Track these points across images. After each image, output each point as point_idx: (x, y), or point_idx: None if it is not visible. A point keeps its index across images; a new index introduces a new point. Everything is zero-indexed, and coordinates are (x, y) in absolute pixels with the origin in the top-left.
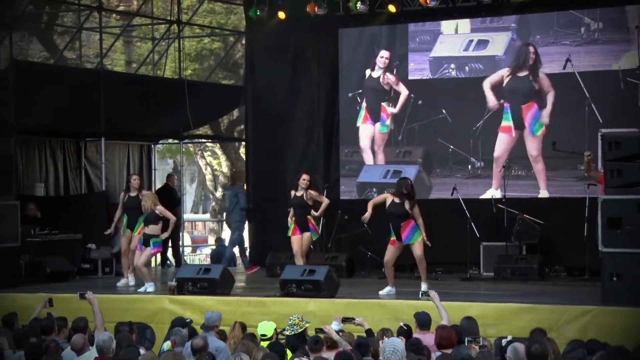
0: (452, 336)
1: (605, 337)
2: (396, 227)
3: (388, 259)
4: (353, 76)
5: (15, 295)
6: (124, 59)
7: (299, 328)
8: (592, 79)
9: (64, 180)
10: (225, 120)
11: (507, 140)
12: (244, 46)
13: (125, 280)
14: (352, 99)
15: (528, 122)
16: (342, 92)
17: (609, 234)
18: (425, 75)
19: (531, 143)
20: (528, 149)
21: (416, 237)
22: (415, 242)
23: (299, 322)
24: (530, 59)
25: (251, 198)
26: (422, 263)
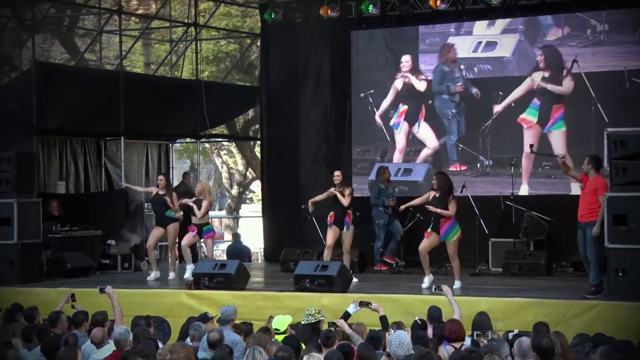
0: (462, 330)
1: (610, 331)
2: (436, 221)
3: (422, 248)
4: (364, 77)
5: (38, 289)
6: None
7: (313, 319)
8: (598, 80)
9: (84, 178)
10: (240, 120)
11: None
12: (259, 48)
13: (154, 273)
14: (364, 99)
15: (552, 121)
16: (354, 92)
17: (614, 231)
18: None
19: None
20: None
21: (452, 236)
22: (450, 240)
23: (315, 314)
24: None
25: (388, 193)
26: (455, 260)
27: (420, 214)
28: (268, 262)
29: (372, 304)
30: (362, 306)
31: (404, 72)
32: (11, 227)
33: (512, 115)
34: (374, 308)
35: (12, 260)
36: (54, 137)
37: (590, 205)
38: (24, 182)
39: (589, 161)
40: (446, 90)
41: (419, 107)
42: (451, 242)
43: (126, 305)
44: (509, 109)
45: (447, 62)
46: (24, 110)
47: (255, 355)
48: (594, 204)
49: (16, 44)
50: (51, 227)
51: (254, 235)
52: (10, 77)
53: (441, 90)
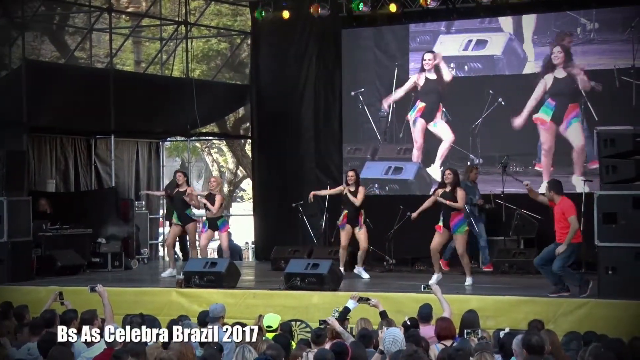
0: (452, 328)
1: (601, 329)
2: (446, 216)
3: (433, 246)
4: (355, 76)
5: (28, 288)
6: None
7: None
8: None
9: (74, 177)
10: (231, 118)
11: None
12: (249, 46)
13: (170, 270)
14: (355, 98)
15: (568, 119)
16: (344, 91)
17: (604, 229)
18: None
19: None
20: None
21: (462, 229)
22: (459, 234)
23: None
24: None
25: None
26: (464, 257)
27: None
28: (259, 261)
29: (371, 299)
30: (361, 302)
31: (427, 69)
32: (1, 225)
33: (502, 114)
34: (373, 304)
35: (2, 258)
36: (44, 135)
37: (564, 230)
38: (14, 180)
39: (549, 188)
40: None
41: (437, 104)
42: (460, 235)
43: (117, 304)
44: (499, 108)
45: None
46: (14, 109)
47: (245, 354)
48: (566, 228)
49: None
50: (41, 225)
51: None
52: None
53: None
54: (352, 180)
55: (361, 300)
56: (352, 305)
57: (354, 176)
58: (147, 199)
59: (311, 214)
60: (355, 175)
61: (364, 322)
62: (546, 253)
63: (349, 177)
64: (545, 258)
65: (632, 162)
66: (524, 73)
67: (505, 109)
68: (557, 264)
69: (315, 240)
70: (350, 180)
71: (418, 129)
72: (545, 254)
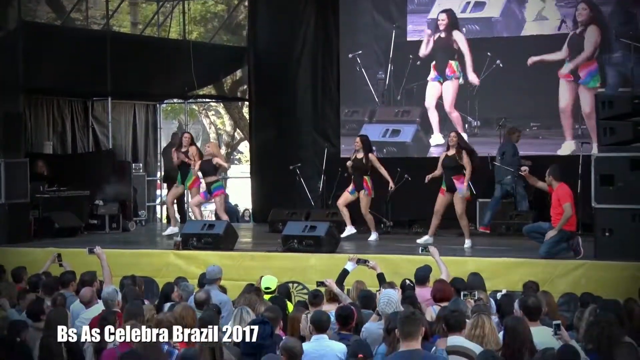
0: (448, 290)
1: (597, 290)
2: (448, 179)
3: (436, 209)
4: (353, 38)
5: (25, 249)
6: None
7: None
8: None
9: (71, 139)
10: (228, 81)
11: (568, 88)
12: (247, 8)
13: (172, 228)
14: (352, 60)
15: (584, 75)
16: (342, 53)
17: (601, 191)
18: (423, 36)
19: (584, 98)
20: (582, 105)
21: (464, 191)
22: (460, 195)
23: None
24: (583, 15)
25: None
26: (463, 219)
27: (409, 175)
28: (256, 223)
29: (369, 261)
30: (360, 264)
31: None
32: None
33: (500, 76)
34: (371, 266)
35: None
36: (40, 97)
37: (559, 216)
38: (11, 142)
39: (549, 173)
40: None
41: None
42: (461, 197)
43: (114, 266)
44: (497, 70)
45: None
46: (10, 70)
47: (243, 315)
48: (561, 214)
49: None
50: (39, 187)
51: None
52: None
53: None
54: (358, 146)
55: (360, 262)
56: (350, 267)
57: (359, 142)
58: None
59: (309, 176)
60: (360, 142)
61: (358, 284)
62: (537, 227)
63: (356, 143)
64: (536, 229)
65: (630, 124)
66: (522, 35)
67: (503, 71)
68: (543, 248)
69: (312, 203)
70: (357, 146)
71: (433, 92)
72: (537, 227)
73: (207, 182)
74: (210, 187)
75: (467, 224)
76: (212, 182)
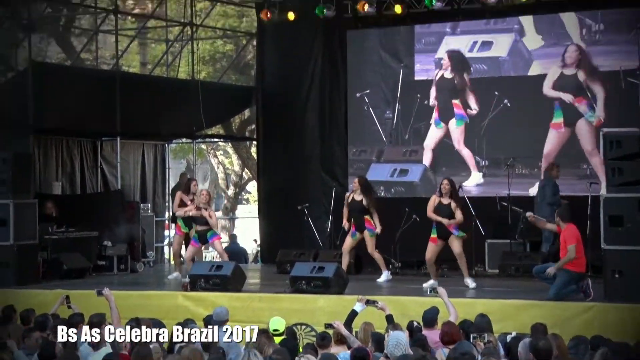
0: (456, 333)
1: (607, 332)
2: (440, 227)
3: (429, 257)
4: (360, 77)
5: (34, 291)
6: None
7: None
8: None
9: (80, 179)
10: (236, 120)
11: (557, 136)
12: (255, 48)
13: (176, 273)
14: (360, 99)
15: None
16: (350, 92)
17: (610, 232)
18: (431, 76)
19: (584, 138)
20: (582, 144)
21: (461, 233)
22: (459, 237)
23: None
24: (573, 57)
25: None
26: (462, 258)
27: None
28: (264, 264)
29: (378, 302)
30: (369, 304)
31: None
32: (7, 228)
33: (508, 116)
34: (380, 307)
35: (8, 261)
36: (50, 137)
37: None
38: (20, 182)
39: (557, 214)
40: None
41: (450, 103)
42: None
43: (122, 307)
44: (505, 109)
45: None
46: (20, 111)
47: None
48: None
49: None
50: (47, 228)
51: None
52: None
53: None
54: (356, 187)
55: (369, 303)
56: (359, 308)
57: (356, 183)
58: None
59: (317, 216)
60: (359, 184)
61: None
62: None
63: (353, 184)
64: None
65: (638, 164)
66: (529, 74)
67: (511, 110)
68: (552, 290)
69: (320, 243)
70: (355, 186)
71: (437, 133)
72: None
73: (200, 230)
74: (205, 235)
75: (465, 262)
76: (207, 231)
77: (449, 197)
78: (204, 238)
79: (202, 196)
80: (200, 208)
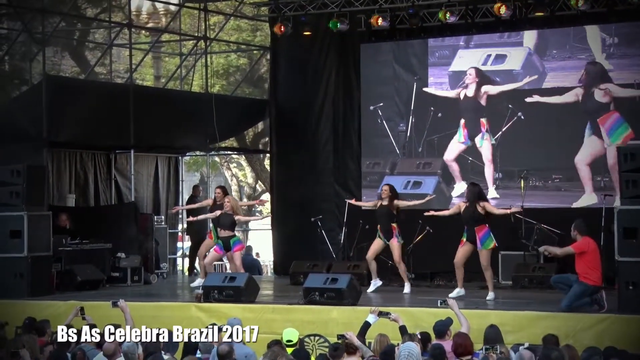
0: (469, 344)
1: (621, 344)
2: (470, 231)
3: (457, 260)
4: (374, 90)
5: (48, 302)
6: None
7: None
8: None
9: (94, 191)
10: (250, 133)
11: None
12: (268, 61)
13: (200, 280)
14: (373, 112)
15: (606, 132)
16: (363, 105)
17: (624, 244)
18: (445, 89)
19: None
20: (608, 157)
21: (487, 244)
22: (484, 250)
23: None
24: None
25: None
26: (488, 270)
27: (430, 227)
28: (277, 275)
29: (391, 314)
30: (381, 316)
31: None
32: (21, 240)
33: (522, 129)
34: (393, 318)
35: (22, 273)
36: (64, 150)
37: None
38: (35, 195)
39: (574, 228)
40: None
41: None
42: (486, 251)
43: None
44: (518, 122)
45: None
46: (34, 124)
47: None
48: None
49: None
50: (61, 240)
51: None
52: (20, 90)
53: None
54: (386, 194)
55: (381, 315)
56: (372, 319)
57: (387, 190)
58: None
59: (330, 228)
60: (389, 190)
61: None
62: (565, 278)
63: (383, 191)
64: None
65: None
66: (543, 87)
67: (525, 123)
68: (565, 302)
69: (334, 255)
70: (384, 194)
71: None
72: (565, 278)
73: (224, 236)
74: (229, 241)
75: (491, 275)
76: (231, 237)
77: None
78: (228, 245)
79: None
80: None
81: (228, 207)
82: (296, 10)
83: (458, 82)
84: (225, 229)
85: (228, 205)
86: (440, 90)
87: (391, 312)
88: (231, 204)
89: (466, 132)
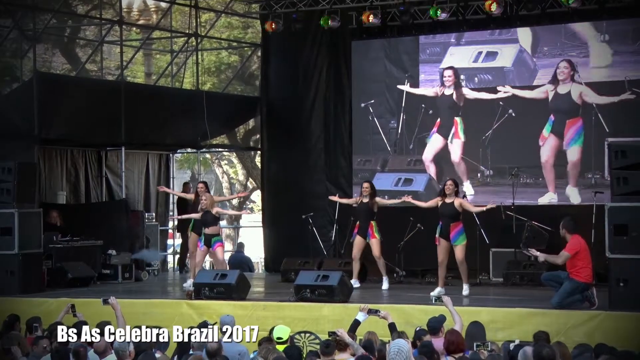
0: (461, 341)
1: (612, 341)
2: (445, 227)
3: (442, 260)
4: (365, 87)
5: (38, 300)
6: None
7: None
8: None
9: (85, 189)
10: (241, 130)
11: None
12: (259, 58)
13: (191, 280)
14: (365, 109)
15: (569, 137)
16: (354, 102)
17: (615, 241)
18: (436, 86)
19: (569, 154)
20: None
21: (461, 240)
22: (459, 245)
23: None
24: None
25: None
26: (463, 265)
27: (421, 225)
28: (268, 272)
29: (380, 311)
30: (371, 314)
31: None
32: (12, 237)
33: (513, 126)
34: (382, 315)
35: (12, 270)
36: (55, 147)
37: (571, 268)
38: (25, 192)
39: (562, 226)
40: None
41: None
42: (459, 246)
43: (127, 315)
44: (510, 120)
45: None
46: (25, 121)
47: None
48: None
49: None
50: (52, 237)
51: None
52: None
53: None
54: (367, 192)
55: (371, 312)
56: (362, 317)
57: (368, 188)
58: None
59: (321, 225)
60: (370, 187)
61: (371, 334)
62: (556, 275)
63: (364, 189)
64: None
65: None
66: (534, 84)
67: (516, 120)
68: (555, 298)
69: (325, 252)
70: (365, 191)
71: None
72: (555, 276)
73: (208, 233)
74: (211, 240)
75: (466, 269)
76: (214, 235)
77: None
78: (209, 242)
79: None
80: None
81: (204, 204)
82: (287, 7)
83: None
84: (208, 226)
85: (204, 203)
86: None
87: (380, 310)
88: (208, 201)
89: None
